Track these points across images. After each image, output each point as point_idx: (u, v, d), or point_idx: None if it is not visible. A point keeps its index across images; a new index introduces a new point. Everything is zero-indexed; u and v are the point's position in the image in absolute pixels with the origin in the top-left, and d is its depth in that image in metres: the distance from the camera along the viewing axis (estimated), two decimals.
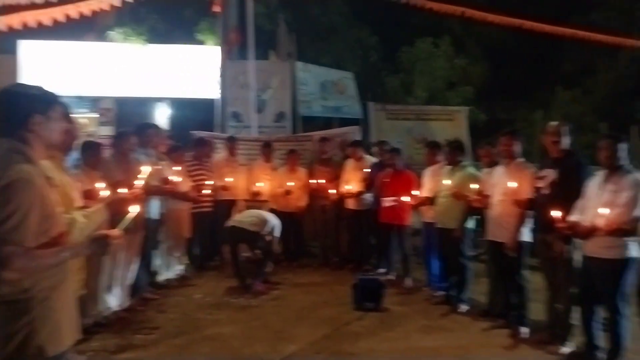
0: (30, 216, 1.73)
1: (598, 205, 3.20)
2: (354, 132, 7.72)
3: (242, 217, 5.66)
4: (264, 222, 5.53)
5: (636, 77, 16.45)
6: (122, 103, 9.64)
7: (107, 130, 9.43)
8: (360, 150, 6.55)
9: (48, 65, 9.12)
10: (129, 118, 9.47)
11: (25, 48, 9.12)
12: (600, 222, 3.11)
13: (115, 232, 2.03)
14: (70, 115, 2.11)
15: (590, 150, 3.50)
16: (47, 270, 1.82)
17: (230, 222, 5.56)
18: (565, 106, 16.16)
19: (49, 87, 1.96)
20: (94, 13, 7.55)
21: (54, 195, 1.87)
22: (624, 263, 3.21)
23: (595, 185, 3.36)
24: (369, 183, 6.18)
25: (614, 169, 3.28)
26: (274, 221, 5.65)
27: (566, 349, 3.66)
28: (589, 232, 3.25)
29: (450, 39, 14.95)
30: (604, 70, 16.93)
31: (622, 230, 3.10)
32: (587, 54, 15.51)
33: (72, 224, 2.04)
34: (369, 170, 6.28)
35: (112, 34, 9.23)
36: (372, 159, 6.53)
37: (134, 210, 2.19)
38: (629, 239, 3.16)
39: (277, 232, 5.67)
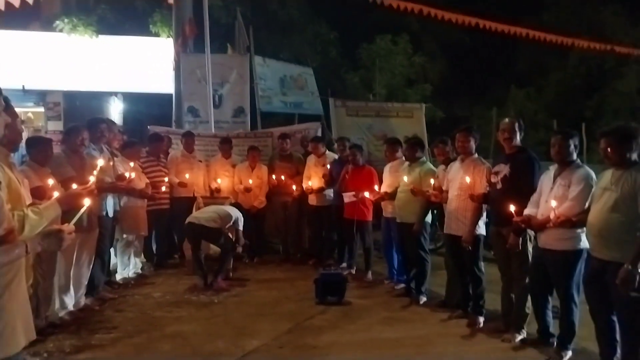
0: None
1: (551, 199, 3.35)
2: (314, 128, 7.73)
3: (200, 214, 5.56)
4: (224, 217, 5.46)
5: (585, 76, 17.37)
6: (71, 97, 9.22)
7: (55, 125, 9.02)
8: (322, 147, 6.58)
9: None
10: (78, 112, 9.09)
11: None
12: (552, 215, 3.25)
13: (68, 226, 1.98)
14: (13, 109, 2.01)
15: (543, 147, 3.65)
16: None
17: (189, 219, 5.46)
18: (519, 104, 16.86)
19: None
20: (37, 1, 7.16)
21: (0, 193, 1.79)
22: (576, 254, 3.36)
23: (548, 180, 3.51)
24: (330, 179, 6.21)
25: (565, 164, 3.42)
26: (236, 214, 5.58)
27: (520, 336, 3.81)
28: (543, 225, 3.39)
29: (408, 36, 15.23)
30: (556, 69, 17.76)
31: (572, 222, 3.24)
32: (539, 53, 16.21)
33: (23, 220, 1.95)
34: (330, 166, 6.31)
35: (59, 24, 8.77)
36: (333, 155, 6.56)
37: (86, 203, 2.13)
38: (579, 230, 3.31)
39: (241, 225, 5.61)
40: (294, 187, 6.47)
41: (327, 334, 4.07)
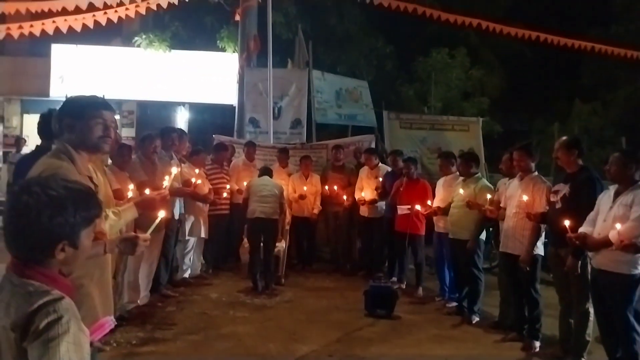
0: None
1: (609, 219, 3.25)
2: (368, 141, 7.83)
3: (263, 207, 5.60)
4: (280, 196, 5.71)
5: None
6: (144, 106, 9.91)
7: (128, 132, 9.71)
8: (375, 158, 6.65)
9: (78, 69, 9.45)
10: (149, 120, 9.75)
11: (58, 52, 9.46)
12: (612, 237, 3.15)
13: (145, 235, 2.18)
14: (114, 120, 2.27)
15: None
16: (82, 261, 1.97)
17: (256, 214, 5.59)
18: (584, 119, 16.04)
19: (84, 91, 2.15)
20: (120, 20, 7.81)
21: None
22: (633, 278, 3.23)
23: (607, 198, 3.40)
24: (383, 191, 6.27)
25: (627, 184, 3.31)
26: (280, 184, 5.90)
27: None
28: (598, 245, 3.29)
29: (466, 50, 14.99)
30: (625, 83, 16.79)
31: (634, 246, 3.12)
32: (607, 67, 15.40)
33: (104, 220, 2.18)
34: (383, 178, 6.37)
35: (137, 39, 9.51)
36: (386, 168, 6.62)
37: (161, 215, 2.34)
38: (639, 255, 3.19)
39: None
40: (345, 197, 6.58)
41: (376, 347, 4.12)
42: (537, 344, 4.08)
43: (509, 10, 15.53)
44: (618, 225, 3.14)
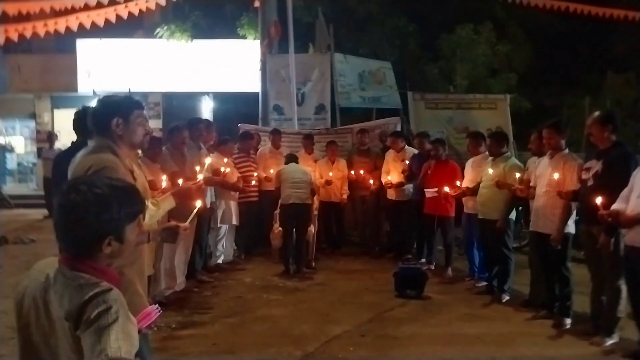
0: None
1: None
2: (394, 123, 7.79)
3: (296, 192, 5.73)
4: (310, 182, 5.83)
5: None
6: (169, 97, 10.11)
7: (154, 124, 9.92)
8: (401, 141, 6.63)
9: (103, 63, 9.67)
10: (175, 111, 9.94)
11: (83, 47, 9.69)
12: None
13: (185, 225, 2.31)
14: (146, 116, 2.41)
15: None
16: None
17: (292, 200, 5.72)
18: (617, 91, 15.45)
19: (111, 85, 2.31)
20: (141, 12, 7.95)
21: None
22: None
23: None
24: (410, 174, 6.26)
25: None
26: (308, 170, 6.03)
27: (611, 341, 3.66)
28: (632, 221, 3.25)
29: (491, 24, 14.58)
30: None
31: None
32: (639, 34, 14.74)
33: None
34: (410, 161, 6.36)
35: (159, 31, 9.64)
36: (412, 150, 6.60)
37: (198, 204, 2.46)
38: None
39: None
40: (371, 181, 6.60)
41: (407, 326, 4.19)
42: (568, 321, 4.08)
43: None
44: None
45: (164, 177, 3.54)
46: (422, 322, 4.30)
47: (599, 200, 3.35)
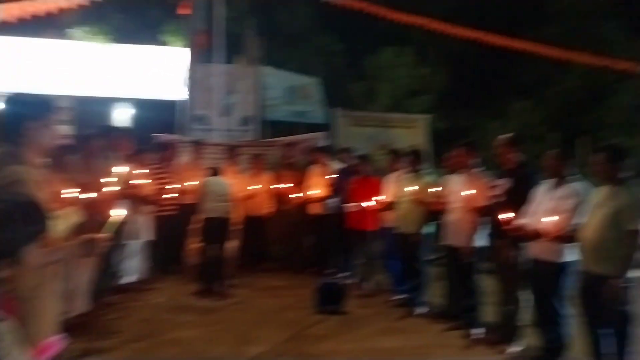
0: None
1: (544, 211, 3.46)
2: (319, 138, 7.85)
3: (217, 206, 5.56)
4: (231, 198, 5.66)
5: (586, 90, 17.47)
6: (82, 102, 9.42)
7: (65, 130, 9.18)
8: (326, 156, 6.68)
9: (9, 62, 8.82)
10: (88, 118, 9.28)
11: None
12: (545, 228, 3.35)
13: (103, 236, 2.13)
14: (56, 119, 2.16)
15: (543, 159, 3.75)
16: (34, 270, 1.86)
17: (210, 214, 5.53)
18: (520, 116, 16.93)
19: (17, 86, 2.05)
20: (61, 10, 7.42)
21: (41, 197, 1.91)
22: (562, 267, 3.46)
23: (542, 192, 3.62)
24: (334, 188, 6.31)
25: (560, 179, 3.54)
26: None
27: (515, 348, 3.88)
28: (533, 236, 3.50)
29: (413, 49, 15.40)
30: (557, 82, 17.87)
31: (563, 236, 3.34)
32: (541, 65, 16.30)
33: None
34: (334, 175, 6.41)
35: (73, 31, 9.02)
36: (337, 165, 6.66)
37: (119, 214, 2.28)
38: (569, 244, 3.41)
39: None
40: (296, 195, 6.57)
41: (327, 343, 4.15)
42: (478, 330, 4.26)
43: (453, 11, 16.04)
44: (550, 218, 3.35)
45: (73, 189, 3.23)
46: (341, 338, 4.28)
47: (506, 215, 3.57)
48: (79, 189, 3.14)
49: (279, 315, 4.84)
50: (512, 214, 3.62)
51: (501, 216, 3.60)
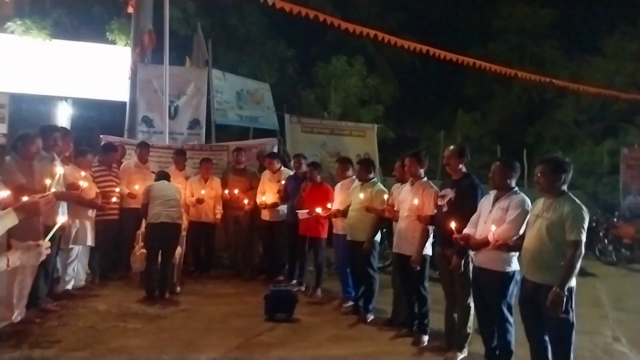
0: None
1: (488, 221, 3.59)
2: (271, 144, 7.81)
3: (167, 211, 5.39)
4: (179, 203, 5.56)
5: (527, 104, 18.62)
6: (17, 99, 8.83)
7: None
8: (277, 162, 6.65)
9: None
10: (24, 116, 8.74)
11: None
12: (490, 237, 3.49)
13: (45, 242, 2.05)
14: None
15: (487, 170, 3.90)
16: None
17: (161, 219, 5.33)
18: (466, 128, 17.72)
19: None
20: None
21: None
22: (507, 275, 3.59)
23: (487, 203, 3.75)
24: (285, 195, 6.30)
25: (504, 190, 3.68)
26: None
27: (462, 355, 3.98)
28: (480, 245, 3.62)
29: (363, 59, 15.73)
30: (500, 96, 18.90)
31: (508, 246, 3.47)
32: (486, 80, 17.21)
33: None
34: (286, 182, 6.40)
35: (11, 25, 8.43)
36: (288, 171, 6.65)
37: (60, 220, 2.19)
38: (512, 253, 3.57)
39: None
40: (246, 201, 6.49)
41: (276, 351, 4.11)
42: (426, 338, 4.36)
43: (403, 25, 16.58)
44: (493, 227, 3.49)
45: (6, 192, 3.03)
46: (290, 346, 4.25)
47: (452, 225, 3.69)
48: (12, 191, 2.96)
49: (227, 323, 4.74)
50: (459, 224, 3.73)
51: (450, 225, 3.70)
